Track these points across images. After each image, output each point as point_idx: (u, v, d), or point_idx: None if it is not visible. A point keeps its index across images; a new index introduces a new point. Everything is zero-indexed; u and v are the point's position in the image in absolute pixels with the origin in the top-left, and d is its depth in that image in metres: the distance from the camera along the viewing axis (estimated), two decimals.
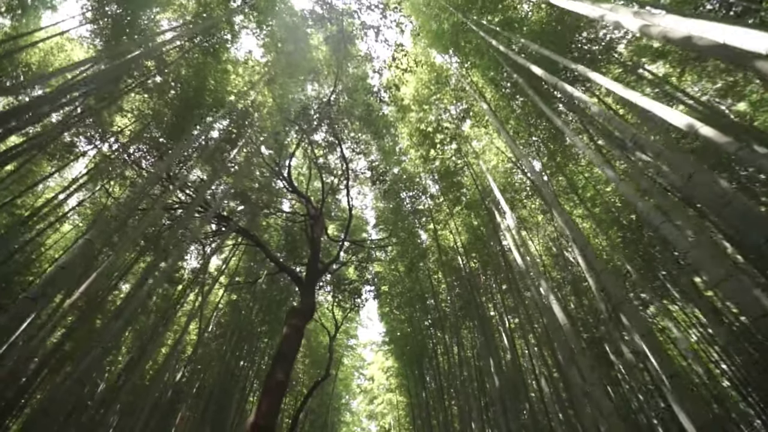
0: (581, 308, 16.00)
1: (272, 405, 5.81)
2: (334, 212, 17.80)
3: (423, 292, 17.93)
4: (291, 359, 6.59)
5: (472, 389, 17.72)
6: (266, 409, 5.73)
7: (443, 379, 19.02)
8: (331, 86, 10.12)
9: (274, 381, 6.07)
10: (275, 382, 6.06)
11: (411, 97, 11.89)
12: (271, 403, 5.82)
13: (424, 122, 11.72)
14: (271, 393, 5.93)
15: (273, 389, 5.98)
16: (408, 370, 20.95)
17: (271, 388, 5.99)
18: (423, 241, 16.90)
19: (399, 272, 18.05)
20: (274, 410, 5.79)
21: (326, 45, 9.88)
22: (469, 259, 15.02)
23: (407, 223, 15.97)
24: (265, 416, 5.64)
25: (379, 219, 16.91)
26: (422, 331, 19.21)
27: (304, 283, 9.17)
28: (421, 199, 15.71)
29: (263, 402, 5.79)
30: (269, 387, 6.00)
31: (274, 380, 6.08)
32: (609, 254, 15.06)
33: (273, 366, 6.29)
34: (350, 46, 9.70)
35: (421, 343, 19.14)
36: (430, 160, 12.41)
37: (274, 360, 6.43)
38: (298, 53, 10.28)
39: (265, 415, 5.66)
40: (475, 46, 10.14)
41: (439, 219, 14.79)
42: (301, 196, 12.08)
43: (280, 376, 6.14)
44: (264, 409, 5.72)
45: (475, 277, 16.24)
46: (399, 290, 17.75)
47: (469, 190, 13.98)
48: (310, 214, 11.40)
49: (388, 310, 18.79)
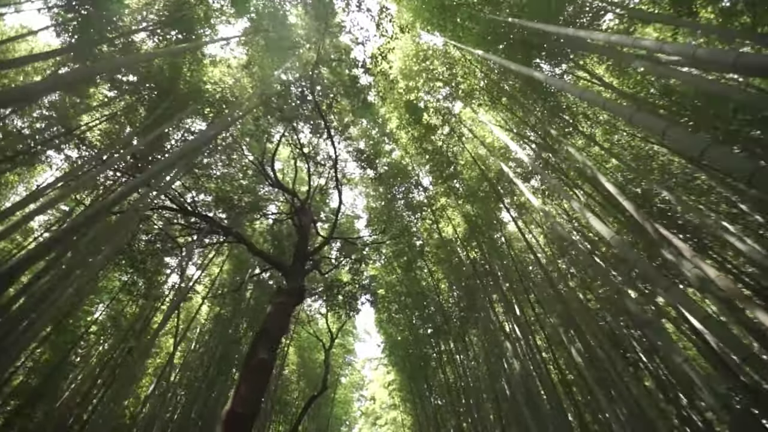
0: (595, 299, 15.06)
1: (253, 389, 4.69)
2: (324, 213, 16.84)
3: (422, 294, 16.82)
4: (276, 337, 5.49)
5: (482, 400, 16.35)
6: (246, 393, 4.60)
7: (450, 391, 17.61)
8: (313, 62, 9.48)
9: (256, 360, 4.96)
10: (257, 361, 4.96)
11: (398, 70, 11.36)
12: (251, 386, 4.70)
13: (413, 92, 11.14)
14: (252, 375, 4.81)
15: (254, 370, 4.87)
16: (412, 383, 19.43)
17: (252, 369, 4.88)
18: (419, 237, 15.98)
19: (396, 273, 16.99)
20: (255, 395, 4.66)
21: (306, 18, 9.34)
22: (469, 251, 14.11)
23: (402, 219, 15.10)
24: (244, 402, 4.51)
25: (372, 215, 16.00)
26: (423, 338, 17.92)
27: (292, 266, 8.14)
28: (415, 194, 14.93)
29: (242, 386, 4.66)
30: (250, 368, 4.89)
31: (255, 359, 4.97)
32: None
33: (254, 344, 5.19)
34: (331, 17, 9.17)
35: (422, 351, 17.80)
36: (420, 139, 11.73)
37: (256, 338, 5.33)
38: (277, 30, 9.70)
39: (245, 400, 4.53)
40: (467, 17, 9.70)
41: (434, 211, 13.96)
42: (286, 190, 11.22)
43: (262, 355, 5.04)
44: (243, 393, 4.59)
45: (477, 274, 15.26)
46: (397, 291, 16.62)
47: (466, 175, 13.30)
48: (296, 208, 10.51)
49: (386, 316, 17.54)
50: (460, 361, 17.46)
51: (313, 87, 9.67)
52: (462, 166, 13.46)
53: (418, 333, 17.82)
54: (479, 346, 17.73)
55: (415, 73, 10.95)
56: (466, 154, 13.13)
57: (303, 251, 8.55)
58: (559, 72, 12.18)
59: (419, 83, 10.97)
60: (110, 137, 13.32)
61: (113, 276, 18.31)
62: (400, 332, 17.61)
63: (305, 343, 21.22)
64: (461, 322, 16.08)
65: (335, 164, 10.58)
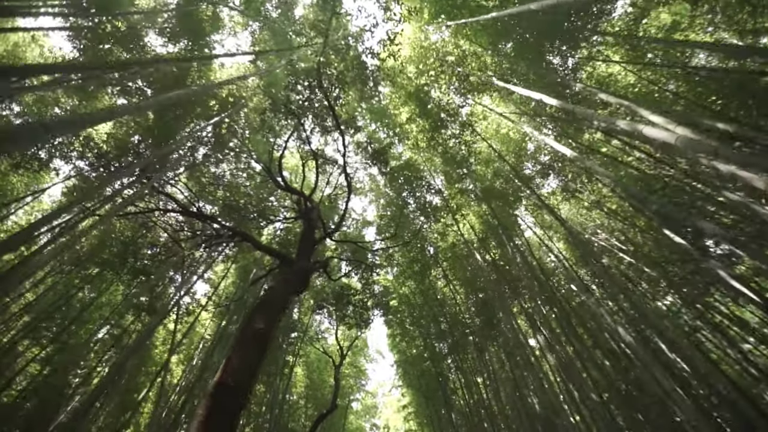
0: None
1: (246, 360, 3.95)
2: (333, 222, 16.28)
3: (438, 306, 15.78)
4: (276, 309, 4.78)
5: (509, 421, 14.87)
6: (238, 364, 3.86)
7: (472, 414, 16.11)
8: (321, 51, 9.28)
9: (251, 330, 4.25)
10: (252, 331, 4.24)
11: (407, 58, 11.08)
12: (244, 357, 3.96)
13: (423, 76, 10.77)
14: (246, 345, 4.09)
15: (248, 340, 4.15)
16: (429, 405, 17.91)
17: (246, 338, 4.16)
18: (432, 243, 15.19)
19: (409, 285, 16.06)
20: (248, 366, 3.91)
21: (314, 7, 9.27)
22: (486, 253, 13.25)
23: (414, 224, 14.43)
24: (235, 373, 3.76)
25: (382, 221, 15.35)
26: (439, 355, 16.65)
27: (298, 253, 7.49)
28: (427, 196, 14.32)
29: (234, 356, 3.93)
30: (243, 337, 4.17)
31: (250, 329, 4.26)
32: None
33: (251, 315, 4.49)
34: (339, 4, 9.06)
35: (439, 369, 16.49)
36: (431, 130, 11.24)
37: (254, 309, 4.63)
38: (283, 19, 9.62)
39: (236, 371, 3.79)
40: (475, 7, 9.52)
41: (450, 210, 13.26)
42: (293, 191, 10.78)
43: (259, 325, 4.33)
44: (235, 364, 3.85)
45: (496, 281, 14.28)
46: (410, 304, 15.62)
47: (480, 171, 12.71)
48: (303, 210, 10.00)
49: (400, 331, 16.44)
50: (482, 381, 16.09)
51: (320, 76, 9.42)
52: (476, 161, 12.91)
53: (434, 349, 16.60)
54: (501, 363, 16.37)
55: (424, 58, 10.70)
56: (479, 146, 12.61)
57: (310, 238, 7.93)
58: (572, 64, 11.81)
59: (428, 65, 10.65)
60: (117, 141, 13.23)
61: (116, 290, 17.81)
62: (415, 346, 16.42)
63: (314, 364, 19.99)
64: (480, 336, 14.93)
65: (344, 155, 10.20)
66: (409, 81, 10.82)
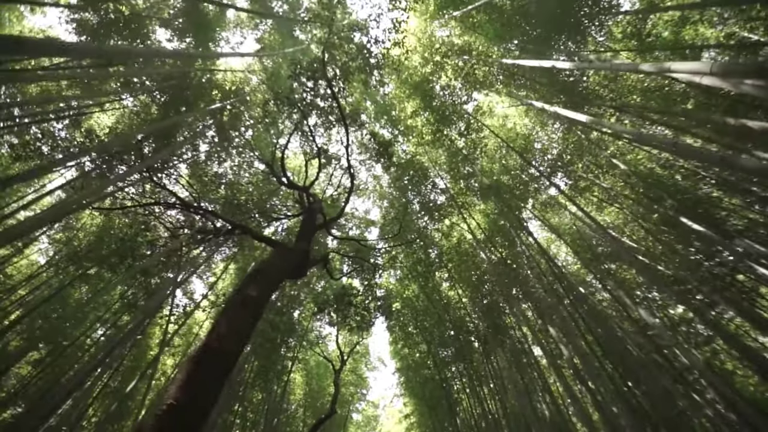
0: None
1: (234, 325, 3.61)
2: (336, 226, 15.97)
3: (442, 310, 15.26)
4: (270, 279, 4.44)
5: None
6: (226, 328, 3.52)
7: (478, 426, 15.40)
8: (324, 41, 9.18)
9: (242, 296, 3.92)
10: (243, 296, 3.91)
11: (413, 48, 10.96)
12: (232, 322, 3.62)
13: (430, 64, 10.61)
14: (235, 310, 3.75)
15: (237, 306, 3.82)
16: (432, 416, 17.17)
17: (236, 303, 3.83)
18: (436, 244, 14.80)
19: (413, 288, 15.60)
20: (236, 331, 3.57)
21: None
22: (492, 253, 12.85)
23: (417, 223, 14.09)
24: (223, 338, 3.42)
25: (385, 220, 15.02)
26: (443, 362, 16.02)
27: (297, 240, 7.18)
28: (431, 195, 14.04)
29: (222, 321, 3.59)
30: (233, 302, 3.84)
31: (241, 295, 3.93)
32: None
33: (243, 283, 4.15)
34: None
35: (443, 377, 15.84)
36: (437, 122, 11.04)
37: (247, 276, 4.30)
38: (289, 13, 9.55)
39: (225, 336, 3.45)
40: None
41: (457, 206, 12.93)
42: (295, 186, 10.56)
43: (251, 292, 4.00)
44: (223, 329, 3.51)
45: (502, 283, 13.82)
46: (414, 307, 15.14)
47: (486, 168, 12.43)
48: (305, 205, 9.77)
49: (402, 335, 15.90)
50: (489, 389, 15.42)
51: (325, 64, 9.29)
52: (482, 157, 12.65)
53: (438, 356, 15.99)
54: (509, 370, 15.72)
55: (430, 45, 10.59)
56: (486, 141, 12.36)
57: (310, 224, 7.64)
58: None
59: (435, 51, 10.51)
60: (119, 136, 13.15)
61: (114, 292, 17.46)
62: (418, 352, 15.84)
63: (314, 371, 19.33)
64: (486, 341, 14.36)
65: (347, 146, 9.98)
66: (414, 71, 10.71)
